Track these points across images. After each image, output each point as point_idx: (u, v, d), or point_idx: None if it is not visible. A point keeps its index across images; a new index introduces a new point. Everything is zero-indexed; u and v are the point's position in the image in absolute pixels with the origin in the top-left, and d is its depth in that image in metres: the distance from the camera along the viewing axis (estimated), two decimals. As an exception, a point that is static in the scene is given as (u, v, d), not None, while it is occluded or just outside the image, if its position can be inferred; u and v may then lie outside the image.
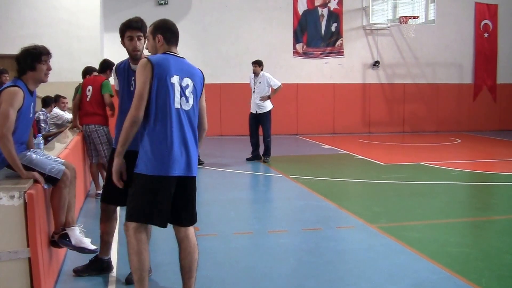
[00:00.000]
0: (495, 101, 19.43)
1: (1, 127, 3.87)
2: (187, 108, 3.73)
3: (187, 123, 3.71)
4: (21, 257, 3.78)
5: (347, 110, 18.10)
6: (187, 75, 3.78)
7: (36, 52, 4.17)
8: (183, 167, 3.68)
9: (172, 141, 3.62)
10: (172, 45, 3.92)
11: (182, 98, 3.70)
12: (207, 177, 9.82)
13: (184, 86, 3.73)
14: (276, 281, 4.60)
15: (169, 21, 4.00)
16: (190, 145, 3.72)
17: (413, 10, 17.77)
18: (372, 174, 10.14)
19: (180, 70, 3.75)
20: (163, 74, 3.65)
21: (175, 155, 3.63)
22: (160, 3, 16.40)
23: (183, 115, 3.70)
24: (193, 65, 3.95)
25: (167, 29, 3.93)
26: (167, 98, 3.64)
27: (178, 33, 3.99)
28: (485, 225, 6.74)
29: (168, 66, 3.70)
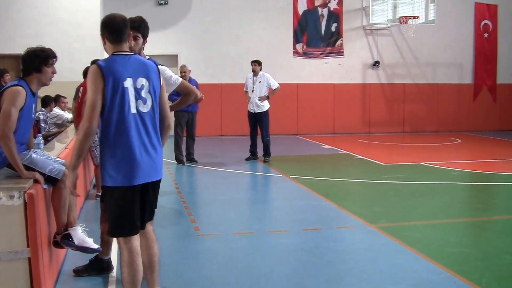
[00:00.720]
0: (495, 101, 19.42)
1: (3, 126, 3.87)
2: (145, 110, 3.55)
3: (147, 127, 3.56)
4: (21, 257, 3.78)
5: (347, 110, 18.10)
6: (141, 75, 3.56)
7: (44, 55, 4.17)
8: (147, 174, 3.56)
9: (134, 150, 3.48)
10: (118, 44, 3.62)
11: (138, 101, 3.52)
12: (207, 177, 9.82)
13: (139, 88, 3.53)
14: (276, 281, 4.61)
15: (110, 18, 3.66)
16: (154, 149, 3.59)
17: (413, 10, 17.76)
18: (372, 174, 10.14)
19: (132, 71, 3.53)
20: (115, 79, 3.45)
21: (138, 164, 3.49)
22: (160, 3, 16.40)
23: (142, 119, 3.54)
24: (145, 59, 3.76)
25: (108, 27, 3.62)
26: (123, 105, 3.46)
27: (122, 27, 3.62)
28: (485, 225, 6.73)
29: (119, 70, 3.49)
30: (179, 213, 7.14)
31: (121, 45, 3.63)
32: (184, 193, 8.26)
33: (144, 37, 4.38)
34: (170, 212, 7.17)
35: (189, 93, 4.61)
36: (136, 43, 4.35)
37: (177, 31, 16.73)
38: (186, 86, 4.59)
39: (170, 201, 7.71)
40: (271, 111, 11.60)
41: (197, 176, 10.02)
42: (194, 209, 7.23)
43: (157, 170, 3.65)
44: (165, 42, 16.39)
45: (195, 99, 4.65)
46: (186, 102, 4.75)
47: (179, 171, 10.43)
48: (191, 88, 4.62)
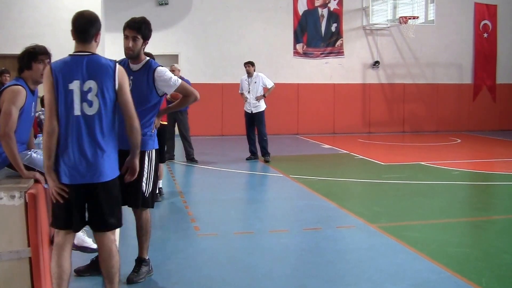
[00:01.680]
0: (495, 101, 19.43)
1: (4, 126, 3.87)
2: (91, 113, 3.51)
3: (91, 129, 3.52)
4: (22, 256, 3.79)
5: (347, 110, 18.10)
6: (90, 77, 3.50)
7: (33, 52, 4.18)
8: (83, 176, 3.52)
9: (73, 150, 3.51)
10: (81, 43, 3.59)
11: (83, 103, 3.49)
12: (208, 176, 9.82)
13: (85, 91, 3.49)
14: (276, 280, 4.61)
15: (76, 16, 3.60)
16: (95, 152, 3.52)
17: (412, 11, 17.78)
18: (372, 174, 10.15)
19: (81, 74, 3.50)
20: (62, 81, 3.48)
21: (74, 164, 3.51)
22: (160, 3, 16.40)
23: (86, 121, 3.51)
24: (104, 60, 3.61)
25: (73, 25, 3.58)
26: (66, 106, 3.49)
27: (86, 27, 3.57)
28: (485, 225, 6.74)
29: (67, 72, 3.50)
30: (179, 212, 7.14)
31: (84, 44, 3.58)
32: (185, 192, 8.27)
33: (144, 38, 4.38)
34: (170, 211, 7.18)
35: (189, 95, 4.61)
36: (135, 44, 4.34)
37: (177, 31, 16.73)
38: (186, 87, 4.59)
39: (171, 200, 7.72)
40: (271, 110, 11.64)
41: (198, 176, 10.02)
42: (194, 208, 7.24)
43: (97, 173, 3.54)
44: (166, 42, 16.39)
45: (194, 100, 4.65)
46: (186, 103, 4.76)
47: (180, 171, 10.44)
48: (190, 89, 4.61)
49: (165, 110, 4.77)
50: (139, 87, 4.39)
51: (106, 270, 3.70)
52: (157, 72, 4.39)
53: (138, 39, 4.33)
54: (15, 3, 14.42)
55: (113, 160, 3.65)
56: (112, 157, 3.64)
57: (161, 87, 4.42)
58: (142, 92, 4.38)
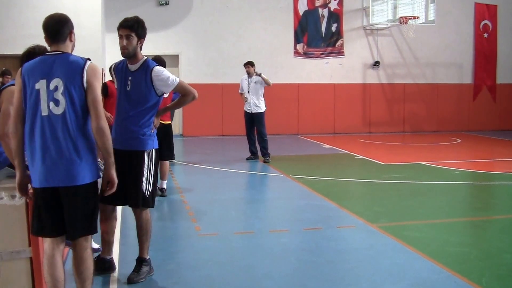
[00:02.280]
0: (495, 101, 19.42)
1: (3, 126, 3.87)
2: (58, 113, 3.39)
3: (58, 130, 3.40)
4: (23, 256, 3.80)
5: (347, 110, 18.11)
6: (57, 76, 3.41)
7: (33, 52, 4.18)
8: (50, 179, 3.41)
9: (39, 152, 3.40)
10: (53, 44, 3.56)
11: (50, 103, 3.39)
12: (208, 176, 9.83)
13: (52, 89, 3.39)
14: (277, 280, 4.62)
15: (46, 18, 3.61)
16: (62, 154, 3.40)
17: (413, 11, 17.77)
18: (372, 173, 10.15)
19: (48, 72, 3.43)
20: (29, 81, 3.43)
21: (40, 167, 3.41)
22: (161, 4, 16.41)
23: (53, 121, 3.40)
24: (74, 58, 3.52)
25: (43, 27, 3.58)
26: (33, 106, 3.41)
27: (55, 27, 3.56)
28: (485, 224, 6.75)
29: (35, 71, 3.45)
30: (180, 212, 7.15)
31: (57, 45, 3.55)
32: (185, 192, 8.27)
33: (139, 36, 4.38)
34: (170, 211, 7.18)
35: (187, 94, 4.62)
36: (129, 42, 4.34)
37: (178, 31, 16.74)
38: (184, 86, 4.59)
39: (171, 200, 7.73)
40: (271, 110, 11.65)
41: (198, 176, 10.03)
42: (195, 208, 7.24)
43: (65, 176, 3.41)
44: (166, 42, 16.40)
45: (193, 99, 4.65)
46: (184, 103, 4.76)
47: (180, 171, 10.44)
48: (189, 88, 4.61)
49: (164, 110, 4.77)
50: (137, 87, 4.40)
51: (77, 274, 3.62)
52: (155, 72, 4.40)
53: (132, 37, 4.34)
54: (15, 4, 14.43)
55: (85, 164, 3.46)
56: (84, 160, 3.46)
57: (159, 86, 4.42)
58: (141, 92, 4.39)
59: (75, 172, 3.43)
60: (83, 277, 3.62)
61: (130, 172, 4.37)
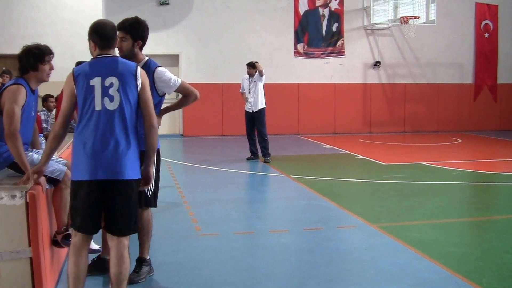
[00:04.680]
0: (496, 101, 19.42)
1: (9, 126, 3.86)
2: (112, 108, 3.52)
3: (113, 124, 3.51)
4: (23, 256, 3.79)
5: (348, 110, 18.10)
6: (112, 74, 3.56)
7: (39, 53, 4.18)
8: (103, 171, 3.47)
9: (91, 145, 3.47)
10: (104, 49, 3.71)
11: (104, 98, 3.52)
12: (209, 176, 9.82)
13: (107, 86, 3.53)
14: (277, 280, 4.61)
15: (100, 25, 3.76)
16: (117, 147, 3.49)
17: (413, 11, 17.77)
18: (373, 174, 10.14)
19: (103, 71, 3.57)
20: (83, 79, 3.55)
21: (92, 158, 3.46)
22: (161, 3, 16.40)
23: (107, 115, 3.51)
24: (126, 61, 3.74)
25: (97, 34, 3.70)
26: (87, 100, 3.52)
27: (110, 35, 3.72)
28: (486, 225, 6.74)
29: (88, 70, 3.59)
30: (180, 212, 7.14)
31: (108, 50, 3.71)
32: (185, 192, 8.27)
33: (134, 38, 4.36)
34: (171, 211, 7.18)
35: (189, 94, 4.62)
36: (123, 44, 4.31)
37: (178, 31, 16.74)
38: (186, 87, 4.59)
39: (171, 200, 7.72)
40: (272, 110, 11.64)
41: (198, 176, 10.02)
42: (195, 208, 7.24)
43: (118, 171, 3.49)
44: (167, 42, 16.40)
45: (194, 99, 4.66)
46: (186, 103, 4.76)
47: (180, 171, 10.44)
48: (190, 89, 4.62)
49: (165, 110, 4.77)
50: None
51: (115, 275, 3.60)
52: (157, 73, 4.40)
53: (126, 39, 4.33)
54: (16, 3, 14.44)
55: (133, 160, 3.58)
56: (133, 157, 3.57)
57: (161, 87, 4.42)
58: None
59: (124, 166, 3.51)
60: (121, 278, 3.61)
61: None
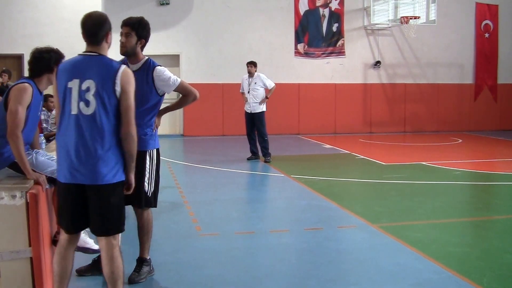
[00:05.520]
0: (496, 101, 19.41)
1: (11, 125, 3.85)
2: (88, 113, 3.43)
3: (86, 129, 3.43)
4: (23, 256, 3.79)
5: (348, 110, 18.10)
6: (90, 77, 3.45)
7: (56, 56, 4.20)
8: (76, 176, 3.46)
9: (68, 149, 3.46)
10: (89, 45, 3.59)
11: (81, 102, 3.43)
12: (209, 176, 9.82)
13: (83, 90, 3.43)
14: (277, 280, 4.61)
15: (84, 18, 3.63)
16: (92, 152, 3.43)
17: (414, 11, 17.76)
18: (373, 174, 10.14)
19: (82, 73, 3.47)
20: (63, 79, 3.50)
21: (69, 162, 3.46)
22: (161, 3, 16.40)
23: (83, 120, 3.43)
24: (108, 61, 3.56)
25: (81, 27, 3.60)
26: (65, 102, 3.48)
27: (90, 31, 3.59)
28: (486, 225, 6.74)
29: (69, 70, 3.51)
30: (180, 212, 7.14)
31: (93, 46, 3.58)
32: (186, 192, 8.27)
33: (139, 36, 4.36)
34: (171, 211, 7.17)
35: (188, 94, 4.61)
36: (127, 40, 4.32)
37: (178, 31, 16.74)
38: (186, 86, 4.59)
39: (172, 200, 7.72)
40: (272, 110, 11.65)
41: (199, 176, 10.02)
42: (196, 208, 7.24)
43: (93, 175, 3.45)
44: (167, 42, 16.40)
45: (194, 99, 4.65)
46: (185, 103, 4.75)
47: (181, 171, 10.44)
48: (190, 89, 4.61)
49: (164, 110, 4.76)
50: (139, 87, 4.39)
51: (107, 275, 3.61)
52: (156, 72, 4.40)
53: (131, 35, 4.32)
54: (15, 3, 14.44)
55: (112, 164, 3.50)
56: (111, 161, 3.50)
57: (160, 86, 4.42)
58: (142, 92, 4.38)
59: (100, 171, 3.46)
60: (114, 277, 3.59)
61: None
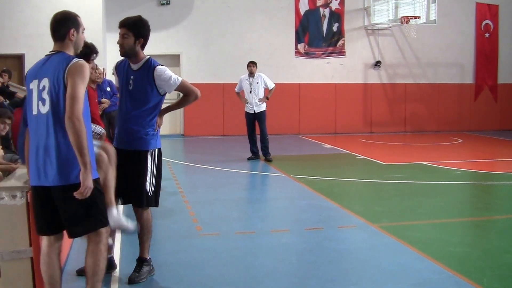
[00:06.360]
0: (496, 101, 19.41)
1: None
2: (44, 112, 3.37)
3: (46, 128, 3.36)
4: (24, 256, 3.80)
5: (348, 110, 18.10)
6: (46, 75, 3.39)
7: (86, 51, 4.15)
8: (38, 178, 3.41)
9: (30, 151, 3.45)
10: (54, 43, 3.55)
11: (39, 102, 3.39)
12: (209, 176, 9.82)
13: (41, 89, 3.38)
14: (278, 280, 4.61)
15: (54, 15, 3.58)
16: (50, 152, 3.35)
17: (414, 11, 17.76)
18: (373, 173, 10.14)
19: (40, 72, 3.43)
20: (27, 82, 3.49)
21: (33, 164, 3.43)
22: (162, 3, 16.41)
23: (41, 120, 3.38)
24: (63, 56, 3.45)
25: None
26: (29, 104, 3.47)
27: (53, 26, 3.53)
28: (487, 224, 6.74)
29: (31, 72, 3.51)
30: (181, 212, 7.14)
31: (56, 43, 3.54)
32: (186, 192, 8.27)
33: (136, 36, 4.35)
34: (171, 211, 7.17)
35: (189, 94, 4.61)
36: (124, 41, 4.32)
37: (179, 31, 16.74)
38: (187, 86, 4.58)
39: (172, 200, 7.72)
40: (272, 110, 11.69)
41: (199, 176, 10.03)
42: (196, 208, 7.24)
43: (49, 176, 3.37)
44: (167, 42, 16.41)
45: (195, 99, 4.64)
46: (186, 103, 4.74)
47: (181, 171, 10.44)
48: (191, 88, 4.60)
49: (165, 110, 4.77)
50: (139, 86, 4.40)
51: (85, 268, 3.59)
52: (157, 71, 4.40)
53: (128, 36, 4.33)
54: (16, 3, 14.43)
55: (70, 164, 3.36)
56: (70, 161, 3.35)
57: (161, 86, 4.42)
58: (143, 92, 4.39)
59: (57, 172, 3.35)
60: (89, 272, 3.55)
61: (133, 172, 4.39)
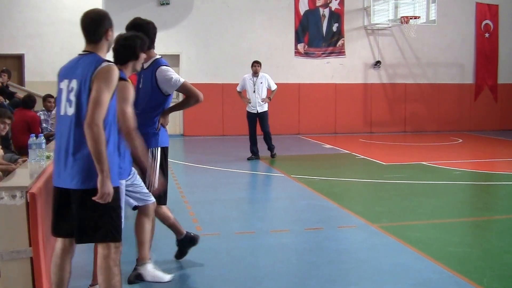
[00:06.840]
0: (496, 101, 19.42)
1: None
2: (70, 114, 3.34)
3: (69, 131, 3.33)
4: (23, 256, 3.79)
5: (348, 110, 18.10)
6: (75, 76, 3.35)
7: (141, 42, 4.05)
8: (60, 179, 3.38)
9: (56, 151, 3.42)
10: (87, 44, 3.50)
11: (66, 103, 3.36)
12: (209, 176, 9.82)
13: (69, 90, 3.35)
14: (278, 280, 4.61)
15: (83, 15, 3.52)
16: (71, 155, 3.31)
17: (414, 10, 17.77)
18: (373, 173, 10.14)
19: (71, 72, 3.39)
20: (58, 80, 3.47)
21: (56, 165, 3.42)
22: (162, 3, 16.40)
23: (67, 121, 3.34)
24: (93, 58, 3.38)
25: (80, 25, 3.49)
26: (57, 104, 3.46)
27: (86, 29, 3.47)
28: (487, 224, 6.74)
29: (63, 71, 3.49)
30: (181, 212, 7.12)
31: (89, 44, 3.47)
32: (186, 192, 8.27)
33: None
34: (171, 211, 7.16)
35: (190, 96, 4.59)
36: None
37: (178, 31, 16.73)
38: (188, 88, 4.57)
39: (172, 200, 7.68)
40: (272, 110, 11.75)
41: (199, 176, 10.02)
42: (196, 208, 7.24)
43: (72, 179, 3.32)
44: (167, 42, 16.38)
45: (196, 102, 4.62)
46: (187, 105, 4.73)
47: (181, 171, 10.43)
48: (192, 90, 4.58)
49: (169, 110, 4.76)
50: (145, 85, 4.45)
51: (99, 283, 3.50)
52: (159, 71, 4.41)
53: None
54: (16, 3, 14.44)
55: (90, 169, 3.27)
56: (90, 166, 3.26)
57: (163, 86, 4.43)
58: (147, 90, 4.42)
59: (79, 175, 3.30)
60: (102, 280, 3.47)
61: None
